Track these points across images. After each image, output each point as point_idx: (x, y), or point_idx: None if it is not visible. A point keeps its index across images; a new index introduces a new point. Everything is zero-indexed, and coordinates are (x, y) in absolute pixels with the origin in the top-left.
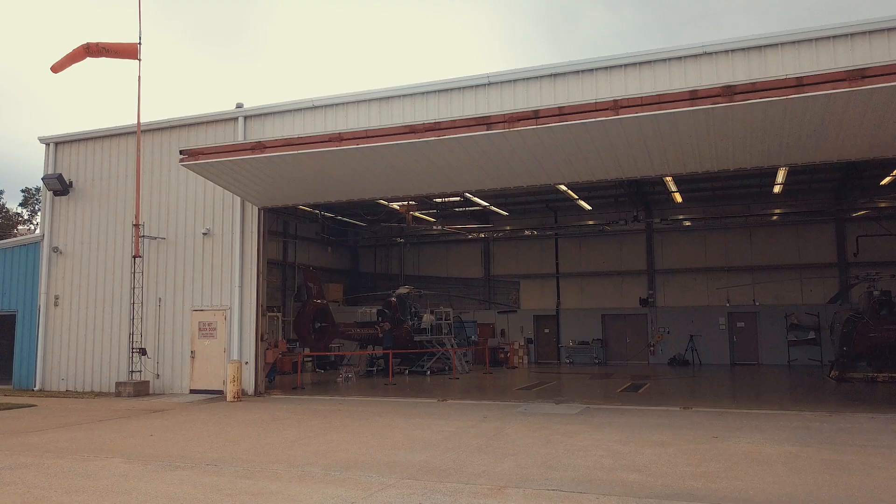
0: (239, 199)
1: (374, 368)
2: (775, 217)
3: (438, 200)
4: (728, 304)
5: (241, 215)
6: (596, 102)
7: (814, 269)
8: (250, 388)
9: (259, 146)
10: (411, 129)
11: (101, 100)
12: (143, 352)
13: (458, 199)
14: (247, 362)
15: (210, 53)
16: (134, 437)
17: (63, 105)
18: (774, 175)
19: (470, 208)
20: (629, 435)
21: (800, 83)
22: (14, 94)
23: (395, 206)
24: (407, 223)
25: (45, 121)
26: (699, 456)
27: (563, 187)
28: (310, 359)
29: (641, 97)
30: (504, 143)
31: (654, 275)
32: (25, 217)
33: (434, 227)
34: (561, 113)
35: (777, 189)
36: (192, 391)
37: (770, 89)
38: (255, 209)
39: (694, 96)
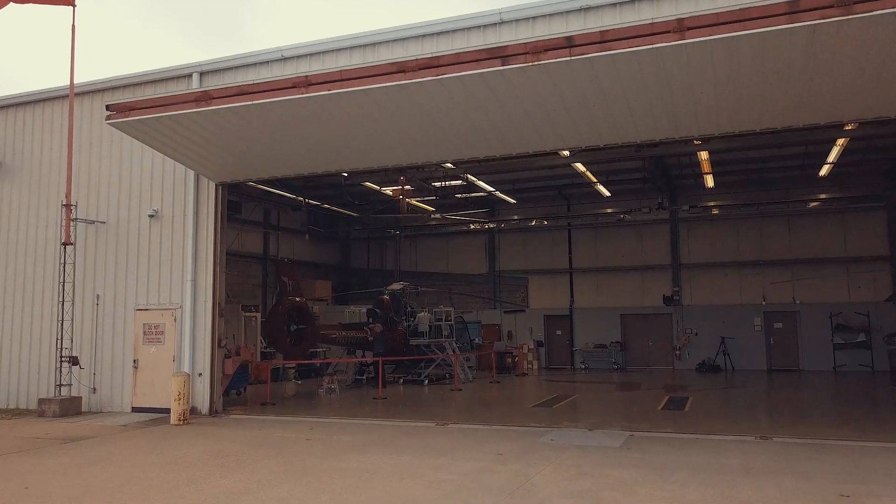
0: (193, 173)
1: (364, 377)
2: (814, 204)
3: (437, 185)
4: (764, 303)
5: (195, 193)
6: (652, 23)
7: (862, 263)
8: (204, 407)
9: (205, 97)
10: (400, 68)
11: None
12: (74, 361)
13: (459, 182)
14: (200, 374)
15: (207, 52)
16: (4, 489)
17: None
18: (822, 155)
19: (473, 194)
20: (715, 490)
21: None
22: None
23: (388, 191)
24: (401, 209)
25: None
26: None
27: (580, 167)
28: (293, 367)
29: (717, 13)
30: (524, 83)
31: (680, 270)
32: None
33: (432, 216)
34: (603, 39)
35: (825, 170)
36: (135, 409)
37: None
38: (212, 185)
39: (794, 9)
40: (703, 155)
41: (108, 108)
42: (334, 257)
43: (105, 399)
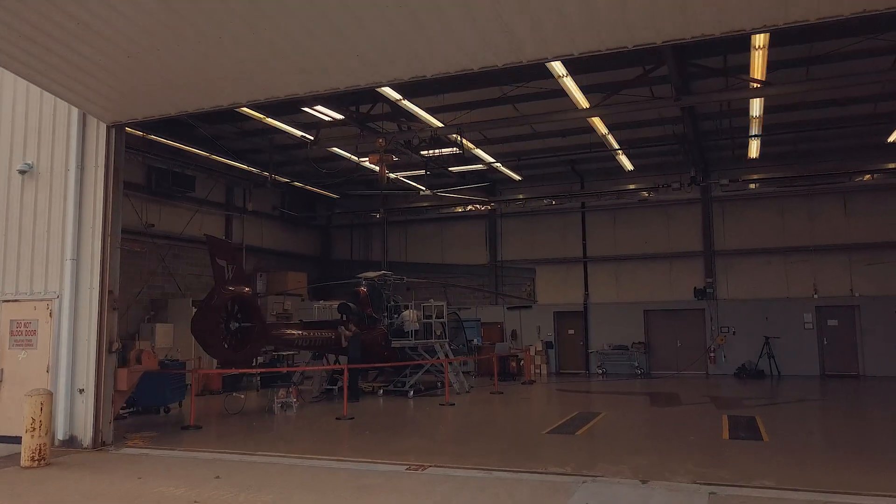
0: (77, 112)
1: (336, 387)
2: (876, 176)
3: (426, 154)
4: (816, 296)
5: (80, 139)
6: None
7: None
8: (86, 436)
9: None
10: None
11: None
12: None
13: (453, 151)
14: (81, 390)
15: None
16: None
17: None
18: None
19: (470, 167)
20: None
21: None
22: None
23: (367, 162)
24: (380, 179)
25: None
26: None
27: (600, 125)
28: (256, 375)
29: None
30: None
31: (714, 257)
32: None
33: (421, 193)
34: None
35: None
36: None
37: None
38: (103, 128)
39: None
40: (755, 108)
41: None
42: (313, 247)
43: None
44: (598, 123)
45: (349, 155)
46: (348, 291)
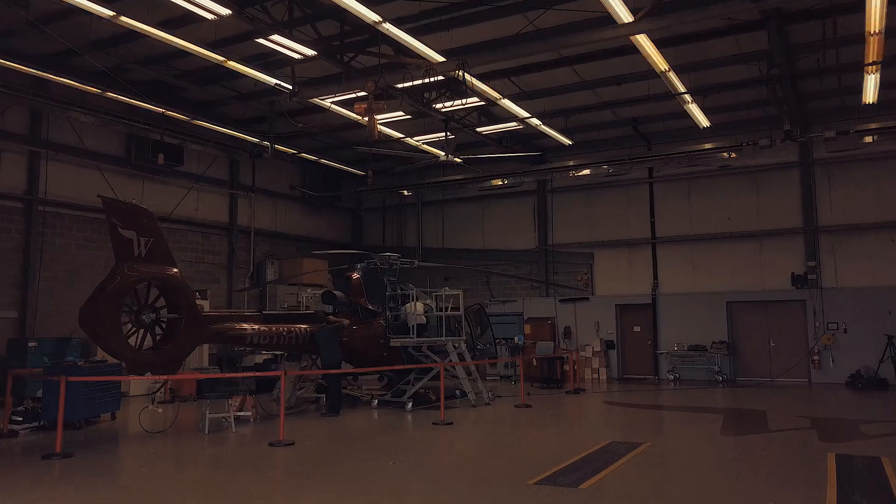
0: None
1: (324, 395)
2: None
3: (441, 107)
4: None
5: None
6: None
7: None
8: None
9: None
10: None
11: None
12: None
13: (473, 102)
14: None
15: None
16: None
17: None
18: None
19: (502, 126)
20: None
21: None
22: None
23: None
24: (370, 134)
25: None
26: None
27: (657, 58)
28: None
29: None
30: None
31: (818, 235)
32: None
33: (441, 160)
34: None
35: None
36: None
37: None
38: None
39: None
40: (874, 18)
41: None
42: (342, 232)
43: None
44: (654, 54)
45: (323, 103)
46: (341, 276)
